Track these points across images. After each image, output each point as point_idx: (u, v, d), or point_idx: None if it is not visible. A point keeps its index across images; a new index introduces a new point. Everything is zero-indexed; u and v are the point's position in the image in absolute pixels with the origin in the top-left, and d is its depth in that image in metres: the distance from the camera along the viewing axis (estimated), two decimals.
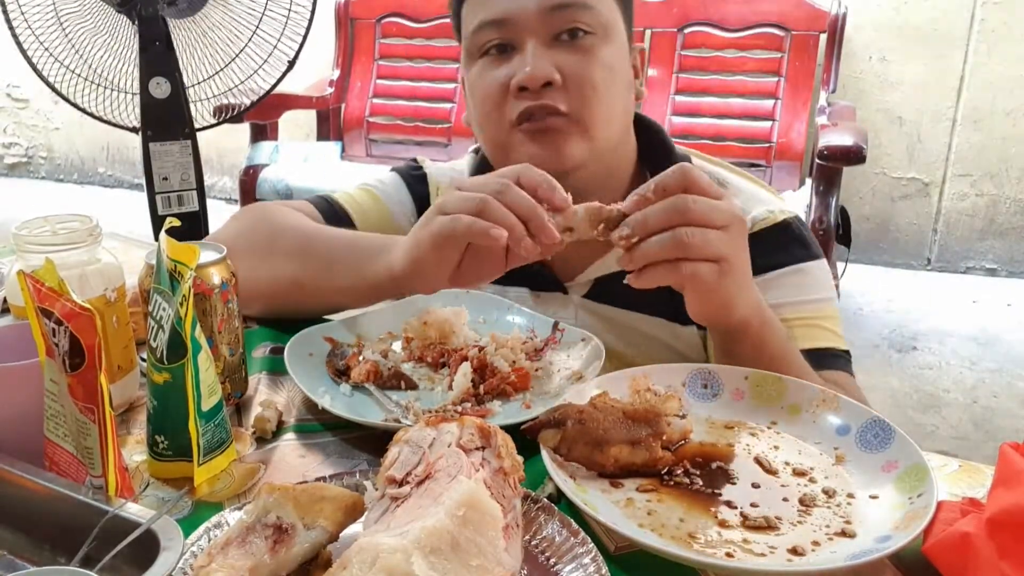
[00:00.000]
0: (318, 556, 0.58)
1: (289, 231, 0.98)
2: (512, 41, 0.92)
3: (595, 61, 0.91)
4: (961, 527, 0.58)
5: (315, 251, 0.95)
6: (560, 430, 0.69)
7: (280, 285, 0.96)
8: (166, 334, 0.68)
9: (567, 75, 0.90)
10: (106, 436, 0.64)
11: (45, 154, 4.81)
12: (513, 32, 0.92)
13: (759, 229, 0.95)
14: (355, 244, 0.93)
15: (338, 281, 0.92)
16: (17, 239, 0.78)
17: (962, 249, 3.43)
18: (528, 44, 0.91)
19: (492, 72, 0.93)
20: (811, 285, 0.95)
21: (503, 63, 0.93)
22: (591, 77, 0.91)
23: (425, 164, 1.15)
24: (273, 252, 0.96)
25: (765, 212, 0.97)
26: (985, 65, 3.20)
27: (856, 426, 0.73)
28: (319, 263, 0.94)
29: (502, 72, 0.92)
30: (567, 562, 0.59)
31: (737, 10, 2.99)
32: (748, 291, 0.79)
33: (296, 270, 0.95)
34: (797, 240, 0.97)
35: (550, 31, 0.91)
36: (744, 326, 0.81)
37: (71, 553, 0.57)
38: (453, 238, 0.75)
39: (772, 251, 0.94)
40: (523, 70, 0.90)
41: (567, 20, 0.91)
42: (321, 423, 0.81)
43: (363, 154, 3.38)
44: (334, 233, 0.98)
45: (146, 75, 1.12)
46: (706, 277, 0.72)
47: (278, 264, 0.95)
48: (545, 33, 0.91)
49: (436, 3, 3.30)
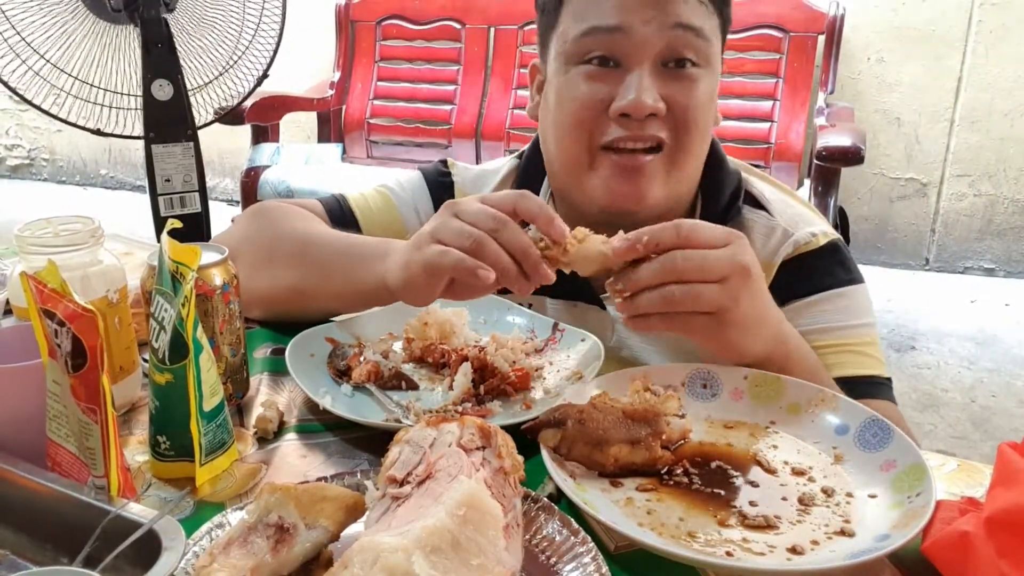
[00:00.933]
0: (319, 556, 0.58)
1: (288, 237, 0.97)
2: (618, 56, 0.88)
3: (697, 95, 0.89)
4: (960, 526, 0.58)
5: (312, 257, 0.94)
6: (560, 430, 0.69)
7: (279, 291, 0.96)
8: (168, 335, 0.69)
9: (671, 105, 0.88)
10: (108, 436, 0.64)
11: (47, 156, 4.81)
12: (624, 45, 0.88)
13: (801, 252, 0.94)
14: (349, 251, 0.92)
15: (334, 288, 0.92)
16: (19, 241, 0.78)
17: (960, 249, 3.43)
18: (636, 66, 0.87)
19: (590, 86, 0.89)
20: (853, 310, 0.94)
21: (604, 79, 0.89)
22: (693, 112, 0.89)
23: (454, 170, 1.11)
24: (273, 258, 0.96)
25: (808, 236, 0.95)
26: (983, 66, 3.21)
27: (855, 425, 0.74)
28: (316, 270, 0.93)
29: (602, 89, 0.89)
30: (567, 561, 0.59)
31: (735, 11, 2.93)
32: (758, 333, 0.77)
33: (294, 277, 0.95)
34: (840, 264, 0.96)
35: (661, 55, 0.88)
36: (763, 363, 0.80)
37: (73, 553, 0.57)
38: (441, 271, 0.74)
39: (814, 275, 0.93)
40: (628, 96, 0.86)
41: (681, 45, 0.88)
42: (322, 423, 0.81)
43: (364, 155, 3.39)
44: (331, 239, 0.96)
45: (148, 77, 1.13)
46: (700, 329, 0.74)
47: (277, 270, 0.95)
48: (655, 56, 0.88)
49: (436, 5, 3.30)
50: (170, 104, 1.13)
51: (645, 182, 0.89)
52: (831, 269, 0.95)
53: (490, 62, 3.29)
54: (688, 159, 0.91)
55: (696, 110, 0.89)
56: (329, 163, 3.20)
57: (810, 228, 0.96)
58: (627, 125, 0.88)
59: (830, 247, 0.96)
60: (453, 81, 3.31)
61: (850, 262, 0.97)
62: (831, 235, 0.97)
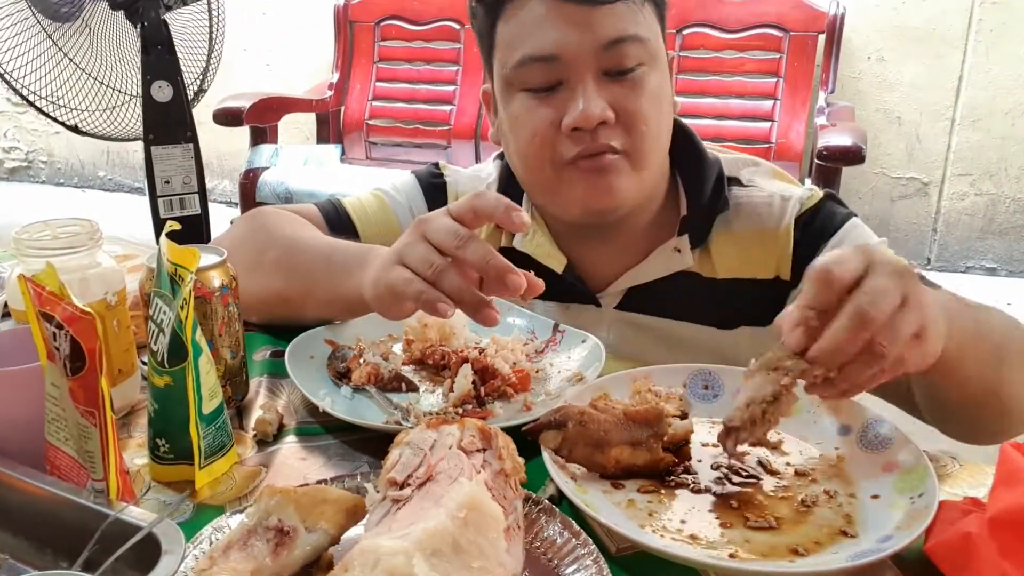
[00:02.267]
0: (320, 559, 0.58)
1: (277, 243, 0.97)
2: (560, 78, 0.88)
3: (645, 94, 0.89)
4: (962, 527, 0.58)
5: (296, 264, 0.94)
6: (561, 431, 0.69)
7: (269, 297, 0.96)
8: (167, 337, 0.69)
9: (620, 112, 0.88)
10: (107, 440, 0.64)
11: (45, 158, 4.81)
12: (561, 70, 0.88)
13: (810, 206, 0.97)
14: (331, 259, 0.90)
15: (319, 295, 0.91)
16: (18, 243, 0.78)
17: (962, 249, 3.43)
18: (579, 82, 0.87)
19: (537, 112, 0.90)
20: (866, 235, 0.96)
21: (549, 100, 0.89)
22: (644, 112, 0.89)
23: (446, 172, 1.12)
24: (262, 264, 0.95)
25: (807, 191, 0.99)
26: (984, 65, 3.20)
27: (857, 426, 0.73)
28: (300, 277, 0.93)
29: (550, 113, 0.89)
30: (569, 563, 0.59)
31: (735, 11, 2.99)
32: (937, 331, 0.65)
33: (280, 283, 0.94)
34: (840, 203, 1.00)
35: (602, 67, 0.88)
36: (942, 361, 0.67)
37: (73, 557, 0.57)
38: (405, 298, 0.72)
39: (827, 220, 0.97)
40: (576, 109, 0.87)
41: (621, 55, 0.88)
42: (322, 426, 0.81)
43: (363, 156, 3.39)
44: (316, 244, 0.95)
45: (148, 78, 1.12)
46: (914, 362, 0.64)
47: (266, 276, 0.95)
48: (596, 68, 0.88)
49: (435, 6, 3.30)
50: (169, 105, 1.13)
51: (613, 178, 0.90)
52: (835, 210, 0.98)
53: None
54: (649, 157, 0.92)
55: (646, 111, 0.89)
56: (328, 164, 3.20)
57: (800, 190, 1.00)
58: (580, 138, 0.88)
59: (827, 196, 1.00)
60: (452, 82, 3.31)
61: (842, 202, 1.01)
62: (820, 190, 1.00)
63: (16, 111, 4.72)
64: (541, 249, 1.01)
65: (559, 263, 1.01)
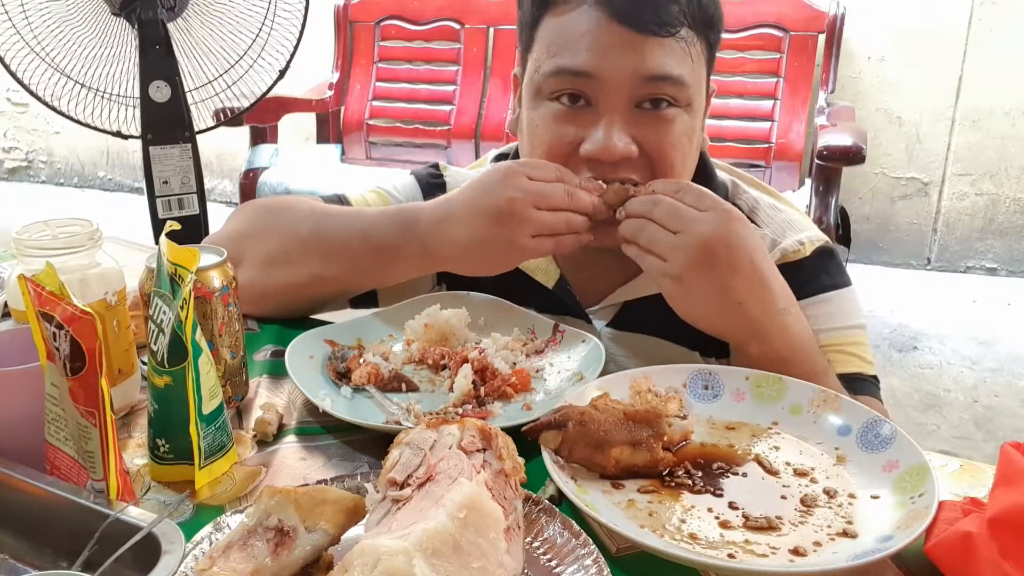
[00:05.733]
0: (320, 559, 0.58)
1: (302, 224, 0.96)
2: (588, 97, 0.86)
3: (674, 134, 0.87)
4: (963, 527, 0.58)
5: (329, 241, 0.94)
6: (561, 432, 0.69)
7: (301, 280, 0.96)
8: (167, 337, 0.68)
9: (644, 149, 0.86)
10: (107, 440, 0.64)
11: (45, 158, 4.81)
12: (594, 89, 0.86)
13: (789, 261, 0.94)
14: (375, 224, 0.92)
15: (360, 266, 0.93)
16: (17, 243, 0.78)
17: (962, 249, 3.43)
18: (608, 109, 0.86)
19: (559, 127, 0.88)
20: (839, 314, 0.94)
21: (575, 117, 0.87)
22: (669, 152, 0.87)
23: (446, 172, 1.11)
24: (288, 252, 0.95)
25: (795, 244, 0.95)
26: (983, 65, 3.20)
27: (857, 426, 0.73)
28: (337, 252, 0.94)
29: (571, 132, 0.87)
30: (569, 564, 0.59)
31: (735, 11, 2.99)
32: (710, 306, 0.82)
33: (316, 264, 0.94)
34: (825, 270, 0.96)
35: (634, 98, 0.86)
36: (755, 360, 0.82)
37: (73, 557, 0.57)
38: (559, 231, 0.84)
39: (801, 283, 0.91)
40: (597, 138, 0.85)
41: (656, 90, 0.85)
42: (322, 426, 0.81)
43: (363, 156, 3.38)
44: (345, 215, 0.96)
45: (146, 79, 1.13)
46: (650, 268, 0.83)
47: (296, 264, 0.95)
48: (628, 98, 0.85)
49: (435, 6, 3.30)
50: (168, 106, 1.13)
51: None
52: (817, 275, 0.95)
53: (489, 62, 3.29)
54: None
55: (671, 151, 0.87)
56: (328, 164, 3.20)
57: (797, 236, 0.96)
58: (598, 168, 0.87)
59: (816, 254, 0.96)
60: (452, 82, 3.31)
61: (836, 267, 0.97)
62: (818, 242, 0.97)
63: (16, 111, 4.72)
64: (533, 263, 1.00)
65: (551, 277, 1.00)
